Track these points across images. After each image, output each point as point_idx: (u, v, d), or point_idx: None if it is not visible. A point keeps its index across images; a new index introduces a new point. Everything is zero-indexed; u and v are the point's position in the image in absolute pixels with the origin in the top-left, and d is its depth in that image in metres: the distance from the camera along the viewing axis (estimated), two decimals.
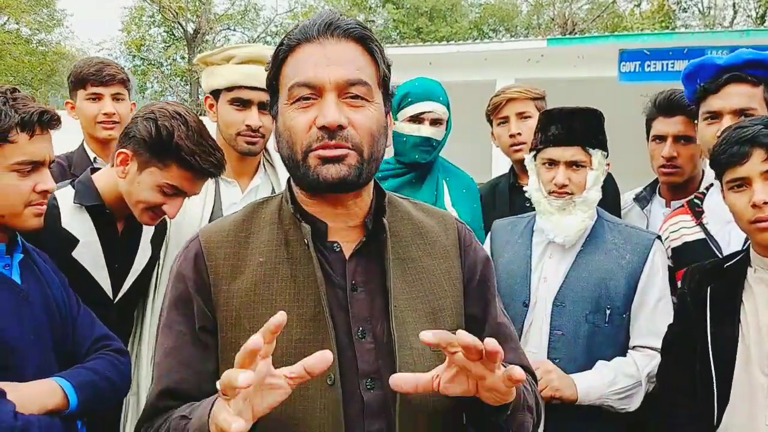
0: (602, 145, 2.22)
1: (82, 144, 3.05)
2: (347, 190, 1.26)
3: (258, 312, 1.25)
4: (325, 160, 1.22)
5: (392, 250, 1.32)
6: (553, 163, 2.20)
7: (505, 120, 2.82)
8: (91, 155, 2.97)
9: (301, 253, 1.29)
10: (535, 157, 2.29)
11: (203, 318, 1.28)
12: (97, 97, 2.94)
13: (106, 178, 2.11)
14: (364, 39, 1.27)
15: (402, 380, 1.12)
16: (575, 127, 2.18)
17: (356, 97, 1.24)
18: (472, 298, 1.42)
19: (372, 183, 1.35)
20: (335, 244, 1.31)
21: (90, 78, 2.92)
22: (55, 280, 1.85)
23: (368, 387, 1.25)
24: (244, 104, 2.38)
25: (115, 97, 2.96)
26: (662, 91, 2.64)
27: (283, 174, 2.50)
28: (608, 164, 2.27)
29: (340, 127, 1.21)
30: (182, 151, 1.98)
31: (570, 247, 2.23)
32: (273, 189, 2.52)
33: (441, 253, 1.40)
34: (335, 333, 1.24)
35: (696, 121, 2.35)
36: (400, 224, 1.38)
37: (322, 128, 1.21)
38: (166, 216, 2.09)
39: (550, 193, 2.20)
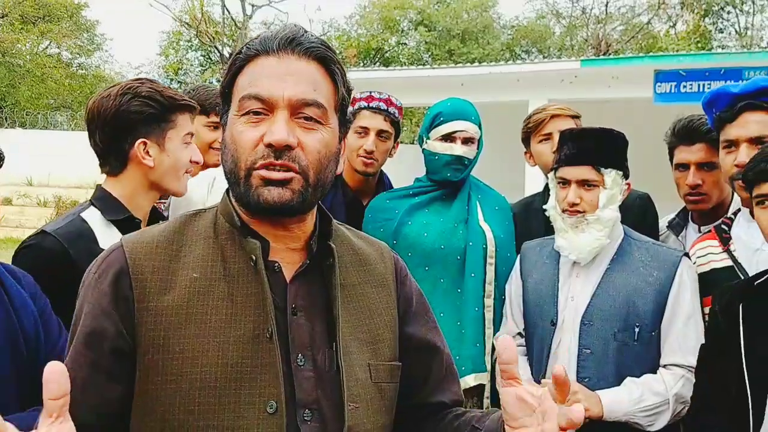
0: (617, 165, 2.21)
1: None
2: (287, 215, 1.21)
3: (189, 332, 1.15)
4: (268, 182, 1.16)
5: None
6: (565, 181, 2.23)
7: (548, 137, 2.79)
8: None
9: (238, 271, 1.20)
10: (554, 176, 2.31)
11: (117, 338, 1.14)
12: (216, 126, 3.07)
13: (124, 186, 2.05)
14: (325, 60, 1.22)
15: None
16: (586, 147, 2.21)
17: (309, 119, 1.19)
18: (417, 324, 1.38)
19: (316, 207, 1.29)
20: (275, 264, 1.23)
21: (216, 108, 3.04)
22: (29, 305, 1.65)
23: (306, 418, 1.17)
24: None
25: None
26: (681, 118, 2.62)
27: None
28: (628, 184, 2.28)
29: (288, 147, 1.15)
30: (175, 99, 2.03)
31: (596, 266, 2.24)
32: None
33: (379, 281, 1.36)
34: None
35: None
36: (341, 249, 1.31)
37: (269, 146, 1.15)
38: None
39: (563, 211, 2.23)
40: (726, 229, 2.30)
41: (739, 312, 1.88)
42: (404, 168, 3.67)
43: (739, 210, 2.34)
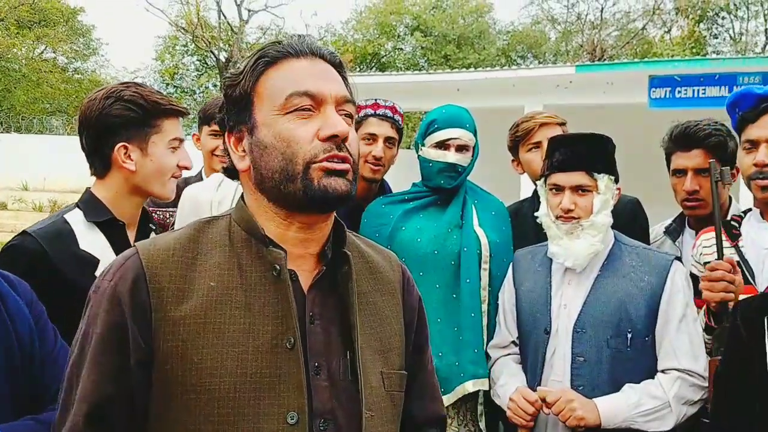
0: (609, 170, 2.22)
1: (201, 172, 3.47)
2: (344, 206, 1.23)
3: (207, 342, 1.13)
4: (330, 172, 1.17)
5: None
6: (558, 188, 2.22)
7: (537, 146, 2.78)
8: None
9: (256, 280, 1.19)
10: (544, 183, 2.30)
11: (137, 350, 1.13)
12: (216, 134, 3.18)
13: (108, 189, 2.05)
14: (341, 66, 1.28)
15: None
16: (579, 153, 2.21)
17: (348, 115, 1.24)
18: (418, 334, 1.40)
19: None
20: (292, 273, 1.22)
21: (216, 117, 3.11)
22: (24, 312, 1.63)
23: (321, 428, 1.16)
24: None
25: None
26: (678, 125, 2.62)
27: None
28: (618, 189, 2.28)
29: (345, 139, 1.19)
30: (160, 104, 2.01)
31: (588, 272, 2.23)
32: None
33: (388, 289, 1.37)
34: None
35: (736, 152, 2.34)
36: (352, 257, 1.31)
37: (329, 139, 1.17)
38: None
39: (557, 217, 2.22)
40: (736, 225, 2.31)
41: (764, 325, 1.84)
42: (401, 173, 3.67)
43: (749, 210, 2.35)
